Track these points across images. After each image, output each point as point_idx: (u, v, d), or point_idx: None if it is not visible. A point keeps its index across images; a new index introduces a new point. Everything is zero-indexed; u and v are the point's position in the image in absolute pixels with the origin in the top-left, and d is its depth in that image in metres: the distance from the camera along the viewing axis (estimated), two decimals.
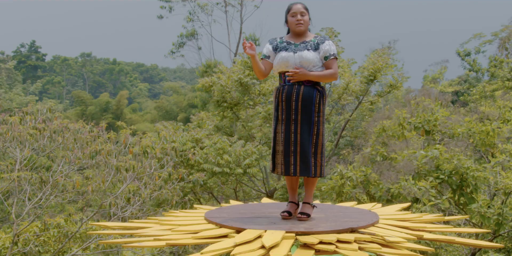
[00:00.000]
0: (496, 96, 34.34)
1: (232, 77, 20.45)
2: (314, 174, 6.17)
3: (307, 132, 6.16)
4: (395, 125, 18.23)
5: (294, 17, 6.41)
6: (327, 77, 6.22)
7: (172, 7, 43.51)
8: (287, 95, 6.24)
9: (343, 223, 5.85)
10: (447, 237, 5.83)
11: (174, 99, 69.78)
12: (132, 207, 12.46)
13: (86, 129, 12.51)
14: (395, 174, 15.82)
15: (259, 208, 6.82)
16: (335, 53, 6.31)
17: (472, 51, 54.69)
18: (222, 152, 17.44)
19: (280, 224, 5.79)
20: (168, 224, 6.04)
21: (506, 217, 15.76)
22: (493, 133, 16.98)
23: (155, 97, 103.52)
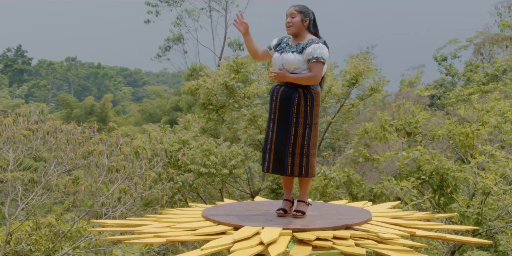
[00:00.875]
0: (472, 100, 34.53)
1: (218, 80, 20.48)
2: (290, 173, 6.15)
3: (283, 131, 6.16)
4: (377, 127, 18.30)
5: (286, 19, 6.42)
6: (305, 79, 6.13)
7: (159, 11, 43.51)
8: (271, 95, 6.32)
9: (338, 220, 5.86)
10: (438, 234, 5.86)
11: (157, 102, 69.87)
12: (123, 206, 12.42)
13: (78, 130, 12.48)
14: (378, 175, 15.89)
15: (254, 206, 6.82)
16: (319, 57, 6.16)
17: (448, 56, 55.04)
18: (208, 153, 17.46)
19: (277, 221, 5.80)
20: (167, 222, 6.02)
21: (485, 216, 15.87)
22: (472, 135, 17.09)
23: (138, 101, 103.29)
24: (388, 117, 18.30)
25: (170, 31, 45.02)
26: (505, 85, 41.06)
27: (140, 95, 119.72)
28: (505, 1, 51.77)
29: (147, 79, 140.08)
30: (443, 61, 55.10)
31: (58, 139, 11.92)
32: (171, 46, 45.41)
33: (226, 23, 42.78)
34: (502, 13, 51.94)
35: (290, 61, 6.16)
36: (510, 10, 51.59)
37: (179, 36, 44.93)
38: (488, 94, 35.57)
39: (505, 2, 51.63)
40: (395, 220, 6.20)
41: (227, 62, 21.10)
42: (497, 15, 52.08)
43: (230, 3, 43.30)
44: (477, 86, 43.81)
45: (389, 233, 5.52)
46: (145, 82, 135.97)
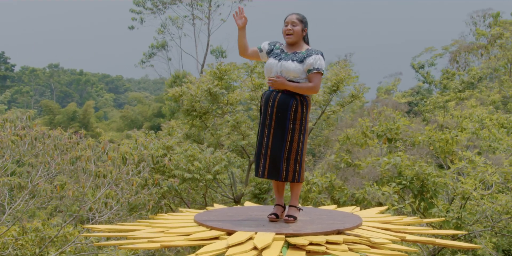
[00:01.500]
0: (449, 107, 34.70)
1: (201, 87, 20.45)
2: (285, 178, 6.14)
3: (279, 137, 6.13)
4: (359, 133, 18.34)
5: (286, 27, 6.37)
6: (305, 90, 6.16)
7: (143, 18, 43.45)
8: (266, 100, 6.25)
9: (329, 225, 5.84)
10: (428, 239, 5.85)
11: (139, 108, 69.76)
12: (109, 211, 12.33)
13: (64, 136, 12.40)
14: (360, 180, 15.89)
15: (245, 211, 6.78)
16: (320, 68, 6.19)
17: (425, 64, 55.38)
18: (192, 159, 17.41)
19: (269, 226, 5.77)
20: (160, 227, 5.97)
21: (464, 221, 15.92)
22: (452, 141, 17.15)
23: (120, 107, 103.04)
24: (369, 124, 18.35)
25: (154, 38, 45.03)
26: (481, 93, 41.38)
27: (122, 101, 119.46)
28: (480, 11, 52.16)
29: (129, 85, 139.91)
30: (420, 68, 55.46)
31: (46, 144, 11.84)
32: (155, 52, 45.38)
33: (209, 31, 42.83)
34: (477, 22, 52.30)
35: (290, 70, 6.13)
36: (485, 19, 51.96)
37: (164, 43, 44.91)
38: (464, 101, 35.80)
39: (480, 12, 52.02)
40: (385, 225, 6.18)
41: (211, 69, 21.08)
42: (472, 24, 52.44)
43: (213, 11, 43.36)
44: (453, 93, 44.10)
45: (380, 238, 5.50)
46: (127, 88, 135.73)
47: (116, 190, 12.50)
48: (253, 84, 20.53)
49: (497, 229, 17.75)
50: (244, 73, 21.48)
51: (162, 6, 43.14)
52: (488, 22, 51.81)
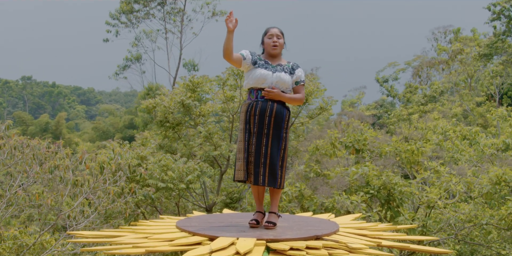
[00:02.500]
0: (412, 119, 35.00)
1: (175, 99, 20.42)
2: (279, 185, 6.20)
3: (276, 146, 6.20)
4: (327, 144, 18.42)
5: (271, 39, 6.45)
6: (296, 101, 6.35)
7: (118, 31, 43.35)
8: (262, 110, 6.24)
9: (308, 231, 5.88)
10: (403, 244, 5.91)
11: (110, 120, 69.66)
12: (86, 220, 12.26)
13: (43, 145, 12.31)
14: (329, 189, 15.96)
15: (225, 218, 6.80)
16: (304, 80, 6.47)
17: (389, 78, 55.89)
18: (166, 168, 17.37)
19: (250, 232, 5.79)
20: (143, 233, 5.97)
21: (429, 228, 16.06)
22: (417, 152, 17.29)
23: (91, 119, 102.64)
24: (338, 135, 18.46)
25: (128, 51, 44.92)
26: (443, 106, 41.79)
27: (93, 113, 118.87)
28: (441, 27, 52.81)
29: (100, 98, 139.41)
30: (384, 82, 55.95)
31: (25, 154, 11.75)
32: (129, 65, 45.30)
33: (181, 44, 42.82)
34: (438, 38, 52.97)
35: (285, 81, 6.27)
36: (446, 35, 52.60)
37: (138, 56, 44.84)
38: (427, 114, 36.13)
39: (441, 28, 52.68)
40: (361, 231, 6.24)
41: (184, 82, 21.06)
42: (434, 40, 53.08)
43: (185, 25, 43.40)
44: (416, 106, 44.55)
45: (357, 243, 5.55)
46: (98, 100, 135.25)
47: (93, 198, 12.44)
48: (225, 96, 20.55)
49: (460, 236, 17.92)
50: (216, 85, 21.50)
51: (135, 20, 43.12)
52: (449, 38, 52.46)
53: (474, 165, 20.26)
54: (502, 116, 30.31)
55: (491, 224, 16.94)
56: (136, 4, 42.59)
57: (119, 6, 42.61)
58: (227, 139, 21.51)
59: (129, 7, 42.27)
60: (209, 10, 43.11)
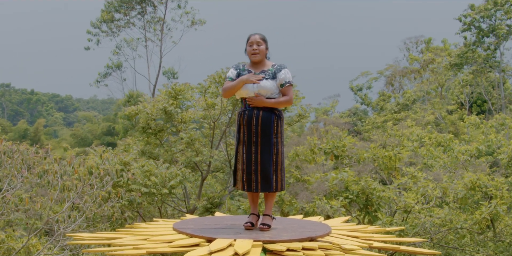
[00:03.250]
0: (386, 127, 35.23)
1: (157, 106, 20.43)
2: (276, 189, 6.25)
3: (267, 152, 6.20)
4: (307, 150, 18.52)
5: (251, 47, 6.42)
6: (283, 103, 6.30)
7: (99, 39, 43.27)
8: (248, 119, 6.26)
9: (302, 233, 5.93)
10: (394, 245, 5.99)
11: (89, 127, 69.38)
12: (73, 223, 12.22)
13: (31, 150, 12.27)
14: (309, 194, 16.03)
15: (219, 220, 6.83)
16: (291, 81, 6.35)
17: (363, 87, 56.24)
18: (149, 174, 17.37)
19: (246, 234, 5.83)
20: (141, 235, 5.98)
21: (406, 233, 16.17)
22: (394, 158, 17.45)
23: (69, 126, 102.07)
24: (317, 141, 18.56)
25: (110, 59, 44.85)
26: (416, 113, 42.11)
27: (71, 120, 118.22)
28: (413, 37, 53.25)
29: (78, 105, 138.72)
30: (358, 91, 56.27)
31: (14, 159, 11.70)
32: (110, 73, 45.19)
33: (161, 53, 42.81)
34: (410, 48, 53.38)
35: (267, 88, 6.20)
36: (418, 45, 53.04)
37: (119, 64, 44.75)
38: (400, 121, 36.41)
39: (413, 38, 53.12)
40: (353, 233, 6.30)
41: (166, 89, 21.09)
42: (406, 50, 53.47)
43: (165, 34, 43.41)
44: (390, 114, 44.87)
45: (351, 244, 5.61)
46: (76, 108, 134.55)
47: (80, 203, 12.40)
48: (206, 104, 20.59)
49: (435, 240, 18.05)
50: (197, 93, 21.53)
51: (116, 29, 43.05)
52: (421, 48, 52.89)
53: (449, 171, 20.45)
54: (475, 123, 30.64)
55: (465, 228, 17.11)
56: (117, 13, 42.56)
57: (100, 15, 42.56)
58: (208, 145, 21.53)
59: (110, 16, 42.21)
60: (188, 19, 43.18)
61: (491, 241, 17.94)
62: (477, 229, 17.31)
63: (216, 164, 23.25)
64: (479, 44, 42.49)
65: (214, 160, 21.48)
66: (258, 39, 6.44)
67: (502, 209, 16.38)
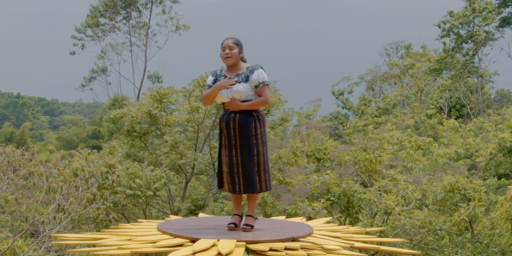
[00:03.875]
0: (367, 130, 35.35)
1: (142, 109, 20.37)
2: (259, 189, 6.24)
3: (247, 154, 6.20)
4: (289, 153, 18.54)
5: (224, 51, 6.45)
6: (259, 104, 6.28)
7: (84, 44, 43.11)
8: (227, 123, 6.29)
9: (284, 233, 5.92)
10: (374, 246, 6.00)
11: (74, 130, 69.08)
12: (59, 225, 12.16)
13: (16, 153, 12.20)
14: (291, 196, 16.05)
15: (203, 221, 6.82)
16: (265, 81, 6.32)
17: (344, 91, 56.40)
18: (134, 176, 17.32)
19: (229, 234, 5.82)
20: (126, 235, 5.96)
21: (387, 234, 16.22)
22: (375, 161, 17.50)
23: (55, 129, 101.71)
24: (299, 144, 18.59)
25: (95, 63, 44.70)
26: (396, 117, 42.29)
27: (57, 124, 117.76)
28: (393, 43, 53.47)
29: (64, 108, 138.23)
30: (340, 95, 56.43)
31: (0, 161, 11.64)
32: (95, 77, 45.02)
33: (145, 57, 42.73)
34: (390, 54, 53.60)
35: (240, 91, 6.21)
36: (398, 51, 53.26)
37: (104, 68, 44.61)
38: (381, 125, 36.58)
39: (393, 44, 53.34)
40: (334, 234, 6.31)
41: (151, 93, 21.03)
42: (386, 55, 53.70)
43: (150, 39, 43.33)
44: (370, 118, 45.03)
45: (332, 244, 5.62)
46: (62, 111, 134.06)
47: (65, 204, 12.34)
48: (190, 107, 20.57)
49: (415, 241, 18.11)
50: (181, 96, 21.49)
51: (101, 33, 42.92)
52: (401, 54, 53.11)
53: (428, 173, 20.55)
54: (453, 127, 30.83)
55: (444, 229, 17.18)
56: (102, 18, 42.45)
57: (85, 20, 42.43)
58: (192, 148, 21.49)
59: (95, 21, 42.08)
60: (172, 24, 43.17)
61: (469, 242, 18.03)
62: (455, 230, 17.39)
63: (200, 166, 23.24)
64: (457, 49, 42.77)
65: (198, 163, 21.44)
66: (230, 44, 6.46)
67: (480, 211, 16.48)
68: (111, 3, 41.65)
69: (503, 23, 40.92)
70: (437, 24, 42.82)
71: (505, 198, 11.85)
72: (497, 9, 40.18)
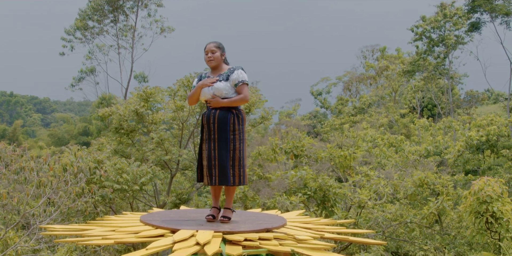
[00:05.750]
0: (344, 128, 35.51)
1: (129, 108, 20.38)
2: (233, 183, 6.30)
3: (224, 148, 6.29)
4: (269, 150, 18.63)
5: (207, 55, 6.60)
6: (238, 101, 6.40)
7: (73, 46, 42.96)
8: (207, 118, 6.40)
9: (259, 224, 6.00)
10: (343, 236, 6.09)
11: (65, 128, 68.85)
12: (49, 218, 12.17)
13: (9, 148, 12.19)
14: (270, 191, 16.14)
15: (183, 213, 6.89)
16: (244, 80, 6.45)
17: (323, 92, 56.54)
18: (121, 171, 17.34)
19: (207, 226, 5.89)
20: (110, 226, 6.01)
21: (360, 226, 16.36)
22: (349, 157, 17.63)
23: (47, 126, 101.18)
24: (278, 142, 18.69)
25: (83, 64, 44.60)
26: (371, 116, 42.51)
27: (49, 121, 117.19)
28: (369, 46, 53.72)
29: (55, 107, 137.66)
30: (318, 95, 56.58)
31: None
32: (84, 77, 44.91)
33: (132, 58, 42.67)
34: (366, 56, 53.84)
35: (221, 89, 6.33)
36: (374, 53, 53.50)
37: (92, 68, 44.50)
38: (357, 124, 36.75)
39: (370, 47, 53.58)
40: (306, 225, 6.41)
41: (137, 92, 21.05)
42: (363, 57, 53.93)
43: (136, 41, 43.26)
44: (347, 117, 45.24)
45: (304, 235, 5.71)
46: (54, 109, 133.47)
47: (55, 198, 12.35)
48: (175, 106, 20.60)
49: (387, 233, 18.28)
50: (167, 96, 21.51)
51: (90, 36, 42.84)
52: (376, 56, 53.35)
53: (400, 169, 20.73)
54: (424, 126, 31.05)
55: (415, 222, 17.36)
56: (90, 21, 42.37)
57: (74, 22, 42.35)
58: (177, 145, 21.52)
59: (83, 24, 41.99)
60: (157, 26, 43.18)
61: (438, 234, 18.23)
62: (425, 223, 17.57)
63: (185, 162, 23.27)
64: (429, 53, 42.96)
65: (182, 159, 21.49)
66: (212, 48, 6.61)
67: (448, 205, 16.67)
68: (98, 6, 41.59)
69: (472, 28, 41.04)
70: (410, 28, 42.99)
71: (469, 193, 12.02)
72: (466, 14, 40.35)
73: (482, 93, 50.32)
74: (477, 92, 48.52)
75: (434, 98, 47.00)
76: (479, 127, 23.87)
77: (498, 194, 11.78)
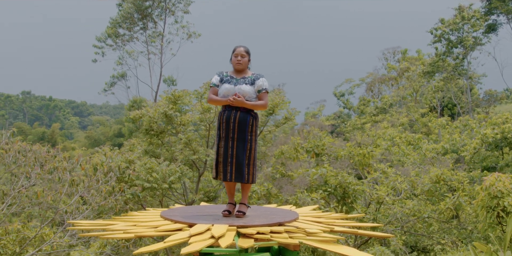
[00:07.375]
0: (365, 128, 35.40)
1: (158, 110, 20.59)
2: (247, 180, 6.40)
3: (242, 147, 6.38)
4: (291, 149, 18.69)
5: (236, 58, 6.65)
6: (259, 107, 6.49)
7: (104, 52, 43.42)
8: (227, 118, 6.47)
9: (272, 219, 6.08)
10: (352, 229, 6.15)
11: (101, 130, 69.56)
12: (81, 214, 12.38)
13: (43, 150, 12.42)
14: (292, 188, 16.20)
15: (202, 209, 6.99)
16: (267, 88, 6.57)
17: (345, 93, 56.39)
18: (151, 171, 17.53)
19: (223, 220, 5.97)
20: (132, 221, 6.13)
21: (379, 221, 16.35)
22: (368, 155, 17.62)
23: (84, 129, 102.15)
24: (300, 141, 18.74)
25: (114, 69, 45.07)
26: (392, 116, 42.31)
27: (86, 124, 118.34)
28: (390, 48, 53.48)
29: (92, 110, 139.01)
30: (341, 96, 56.46)
31: (27, 157, 11.85)
32: (115, 82, 45.38)
33: (161, 63, 43.10)
34: (388, 58, 53.63)
35: (246, 92, 6.42)
36: (395, 55, 53.25)
37: (123, 73, 44.96)
38: (378, 123, 36.61)
39: (391, 49, 53.35)
40: (318, 219, 6.48)
41: (166, 95, 21.26)
42: (384, 59, 53.74)
43: (165, 47, 43.65)
44: (369, 117, 45.09)
45: (314, 228, 5.78)
46: (90, 113, 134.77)
47: (87, 196, 12.55)
48: (202, 108, 20.77)
49: (406, 228, 18.24)
50: (194, 98, 21.68)
51: (121, 43, 43.28)
52: (397, 58, 53.10)
53: (418, 166, 20.65)
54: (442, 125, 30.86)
55: (432, 217, 17.31)
56: (120, 29, 42.79)
57: (105, 30, 42.81)
58: (204, 145, 21.69)
59: (114, 31, 42.40)
60: (184, 32, 43.47)
61: (455, 228, 18.14)
62: (442, 218, 17.51)
63: (212, 162, 23.42)
64: (448, 54, 42.72)
65: (209, 159, 21.65)
66: (242, 52, 6.67)
67: (464, 200, 16.59)
68: (128, 15, 41.98)
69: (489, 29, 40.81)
70: (430, 31, 42.78)
71: (481, 188, 11.97)
72: (484, 16, 40.09)
73: (500, 92, 49.85)
74: (496, 91, 48.08)
75: (454, 97, 46.68)
76: (494, 125, 23.67)
77: (508, 189, 11.72)
